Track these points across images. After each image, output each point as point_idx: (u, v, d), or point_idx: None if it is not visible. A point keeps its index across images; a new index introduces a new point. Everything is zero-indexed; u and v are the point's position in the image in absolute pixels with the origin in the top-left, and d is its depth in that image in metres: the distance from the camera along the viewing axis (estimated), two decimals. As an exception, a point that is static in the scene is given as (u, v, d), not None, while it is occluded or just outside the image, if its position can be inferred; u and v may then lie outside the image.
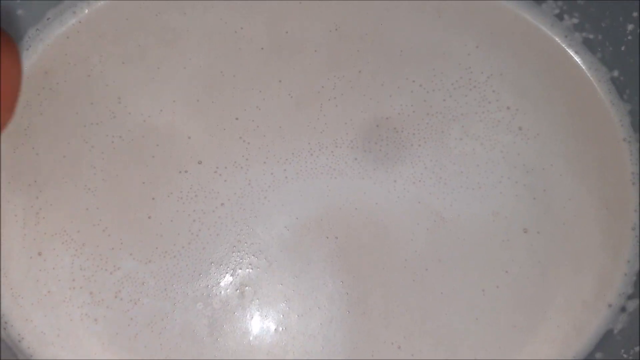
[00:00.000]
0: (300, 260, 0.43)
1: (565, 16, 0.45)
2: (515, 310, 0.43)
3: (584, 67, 0.45)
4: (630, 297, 0.44)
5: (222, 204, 0.43)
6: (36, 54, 0.43)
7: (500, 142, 0.44)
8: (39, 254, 0.42)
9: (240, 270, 0.42)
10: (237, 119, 0.43)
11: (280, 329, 0.42)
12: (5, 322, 0.42)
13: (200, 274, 0.42)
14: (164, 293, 0.42)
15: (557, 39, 0.45)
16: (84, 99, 0.43)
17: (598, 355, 0.43)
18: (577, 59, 0.45)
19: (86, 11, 0.44)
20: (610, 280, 0.44)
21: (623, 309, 0.44)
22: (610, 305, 0.44)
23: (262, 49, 0.44)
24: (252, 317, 0.42)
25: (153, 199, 0.42)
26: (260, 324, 0.42)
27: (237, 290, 0.42)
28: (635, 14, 0.42)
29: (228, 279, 0.42)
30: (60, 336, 0.42)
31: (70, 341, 0.42)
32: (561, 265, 0.44)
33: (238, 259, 0.42)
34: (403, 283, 0.43)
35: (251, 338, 0.42)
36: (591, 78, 0.45)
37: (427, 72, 0.44)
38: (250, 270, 0.42)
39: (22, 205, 0.42)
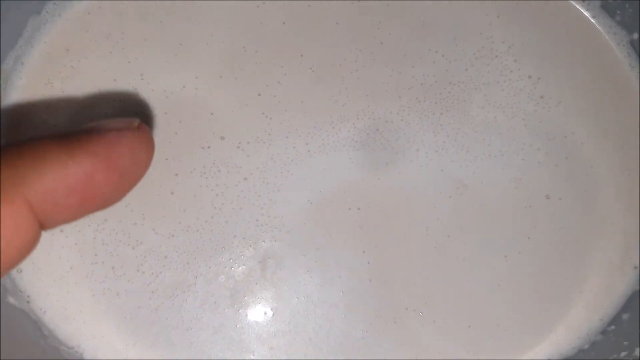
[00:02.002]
0: (322, 232, 0.43)
1: (584, -19, 0.44)
2: (537, 276, 0.44)
3: (602, 31, 0.45)
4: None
5: (245, 179, 0.43)
6: (56, 30, 0.43)
7: (522, 110, 0.44)
8: (61, 230, 0.42)
9: (263, 243, 0.43)
10: (259, 94, 0.43)
11: (303, 298, 0.43)
12: (28, 296, 0.42)
13: (223, 247, 0.43)
14: (186, 266, 0.42)
15: (575, 4, 0.45)
16: (106, 76, 0.43)
17: (625, 316, 0.44)
18: (596, 23, 0.45)
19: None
20: (635, 243, 0.44)
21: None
22: (635, 267, 0.44)
23: (284, 23, 0.43)
24: (274, 288, 0.43)
25: (176, 174, 0.42)
26: (281, 293, 0.43)
27: (259, 262, 0.43)
28: (655, -25, 0.42)
29: (250, 251, 0.43)
30: (83, 311, 0.43)
31: (92, 315, 0.43)
32: (584, 232, 0.44)
33: (261, 232, 0.43)
34: (425, 251, 0.43)
35: (273, 307, 0.43)
36: (610, 42, 0.45)
37: (448, 42, 0.44)
38: (273, 242, 0.43)
39: (45, 181, 0.42)
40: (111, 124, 0.33)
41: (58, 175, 0.30)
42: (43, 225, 0.31)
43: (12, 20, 0.41)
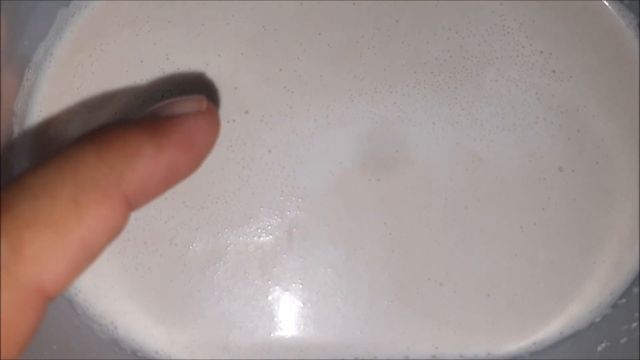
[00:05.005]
0: (344, 203, 0.44)
1: (592, -37, 0.46)
2: (552, 246, 0.45)
3: (613, 12, 0.46)
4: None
5: (269, 151, 0.44)
6: (84, 19, 0.45)
7: (535, 84, 0.45)
8: (93, 209, 0.43)
9: (288, 213, 0.44)
10: (280, 70, 0.44)
11: (329, 269, 0.44)
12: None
13: (250, 218, 0.44)
14: (217, 237, 0.44)
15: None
16: (134, 58, 0.44)
17: (635, 289, 0.45)
18: (605, 4, 0.46)
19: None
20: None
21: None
22: (645, 241, 0.45)
23: (302, 4, 0.45)
24: (301, 258, 0.44)
25: (204, 148, 0.44)
26: (308, 265, 0.44)
27: (285, 232, 0.44)
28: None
29: (277, 221, 0.44)
30: (115, 288, 0.44)
31: (124, 292, 0.44)
32: (596, 203, 0.45)
33: (286, 203, 0.44)
34: (444, 222, 0.44)
35: (301, 278, 0.44)
36: (620, 22, 0.46)
37: (461, 20, 0.45)
38: (298, 212, 0.44)
39: (77, 161, 0.43)
40: (183, 106, 0.35)
41: (149, 167, 0.31)
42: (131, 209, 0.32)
43: (42, 13, 0.43)
